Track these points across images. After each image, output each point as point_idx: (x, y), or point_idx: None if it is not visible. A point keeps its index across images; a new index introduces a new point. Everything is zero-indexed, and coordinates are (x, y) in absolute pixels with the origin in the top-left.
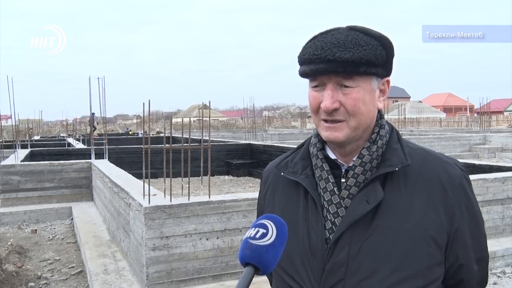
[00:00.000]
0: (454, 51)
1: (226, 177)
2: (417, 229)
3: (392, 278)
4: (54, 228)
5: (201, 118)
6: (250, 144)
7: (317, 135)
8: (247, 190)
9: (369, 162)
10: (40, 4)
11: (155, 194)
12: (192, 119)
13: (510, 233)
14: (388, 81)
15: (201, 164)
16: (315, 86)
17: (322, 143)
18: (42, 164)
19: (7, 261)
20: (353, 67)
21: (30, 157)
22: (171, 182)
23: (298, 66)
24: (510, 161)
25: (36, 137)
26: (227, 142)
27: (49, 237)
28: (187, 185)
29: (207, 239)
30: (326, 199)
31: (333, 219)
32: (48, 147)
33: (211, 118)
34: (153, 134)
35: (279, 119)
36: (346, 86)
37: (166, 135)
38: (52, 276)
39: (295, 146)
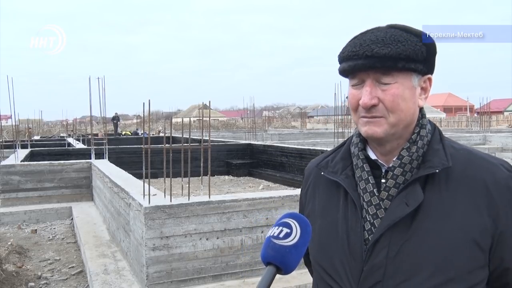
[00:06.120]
0: (454, 51)
1: (226, 177)
2: (458, 232)
3: (431, 281)
4: (54, 228)
5: (201, 118)
6: (250, 144)
7: (359, 135)
8: (247, 190)
9: (409, 163)
10: (40, 5)
11: (155, 194)
12: (192, 119)
13: None
14: (430, 79)
15: (201, 164)
16: (355, 85)
17: (364, 143)
18: (42, 164)
19: (7, 261)
20: (391, 62)
21: (30, 157)
22: (171, 182)
23: (338, 65)
24: (510, 161)
25: (36, 137)
26: (227, 142)
27: (49, 237)
28: (187, 185)
29: (207, 239)
30: (365, 200)
31: (372, 220)
32: (48, 147)
33: (211, 118)
34: (153, 134)
35: (279, 119)
36: (384, 83)
37: (166, 135)
38: (52, 276)
39: (295, 146)
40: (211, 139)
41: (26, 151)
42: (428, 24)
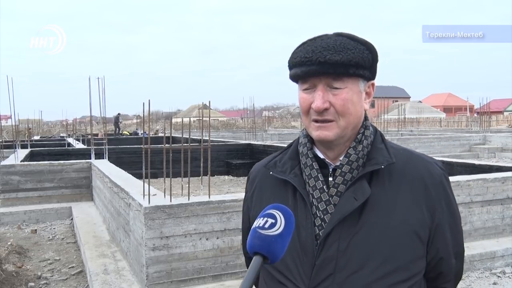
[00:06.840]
0: (454, 51)
1: (226, 177)
2: (401, 224)
3: (379, 271)
4: (54, 228)
5: (201, 118)
6: (250, 144)
7: (306, 136)
8: None
9: (356, 161)
10: (40, 5)
11: (155, 194)
12: (192, 119)
13: (510, 233)
14: (373, 84)
15: (201, 164)
16: (306, 89)
17: (312, 143)
18: (42, 164)
19: (7, 261)
20: (343, 68)
21: (30, 157)
22: (171, 182)
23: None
24: (510, 161)
25: (36, 137)
26: (227, 142)
27: (49, 237)
28: (187, 185)
29: (207, 239)
30: (315, 197)
31: (322, 216)
32: (48, 147)
33: (211, 118)
34: (153, 134)
35: (279, 119)
36: (335, 88)
37: (166, 135)
38: (52, 276)
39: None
40: (211, 139)
41: (26, 151)
42: (428, 24)
